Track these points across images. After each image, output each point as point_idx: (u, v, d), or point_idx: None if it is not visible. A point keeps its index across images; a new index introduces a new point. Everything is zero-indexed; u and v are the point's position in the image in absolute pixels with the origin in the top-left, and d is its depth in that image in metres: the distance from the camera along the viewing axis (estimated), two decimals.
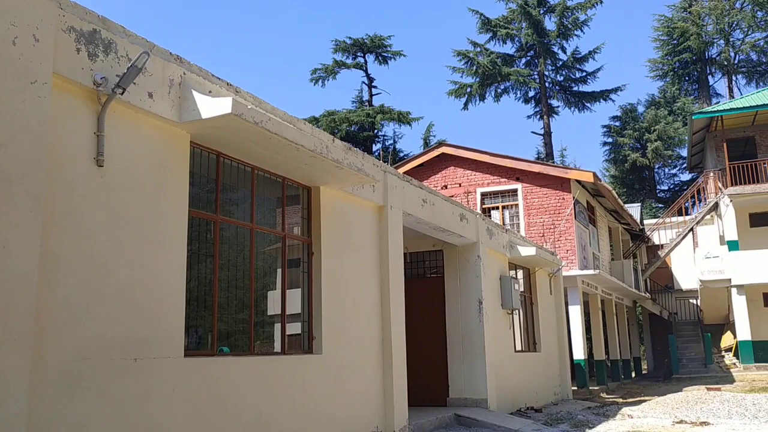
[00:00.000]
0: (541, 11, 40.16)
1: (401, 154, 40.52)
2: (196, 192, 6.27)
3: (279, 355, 7.10)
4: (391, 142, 42.06)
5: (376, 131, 40.68)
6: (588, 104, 41.42)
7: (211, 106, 5.60)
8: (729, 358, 25.10)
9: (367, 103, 42.06)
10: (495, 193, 20.58)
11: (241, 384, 6.26)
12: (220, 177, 6.47)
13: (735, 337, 24.47)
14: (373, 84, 42.38)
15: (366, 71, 42.06)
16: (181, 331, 5.63)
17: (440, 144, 22.36)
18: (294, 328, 7.62)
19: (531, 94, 41.79)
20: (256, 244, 7.00)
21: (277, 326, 7.36)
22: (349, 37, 40.73)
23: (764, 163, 25.80)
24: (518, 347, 13.99)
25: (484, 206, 20.49)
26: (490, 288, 12.48)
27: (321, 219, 7.81)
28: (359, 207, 8.68)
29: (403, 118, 39.62)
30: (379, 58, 41.83)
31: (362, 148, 39.13)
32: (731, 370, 23.30)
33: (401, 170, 20.33)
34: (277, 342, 7.39)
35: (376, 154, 39.09)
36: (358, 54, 41.64)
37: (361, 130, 39.86)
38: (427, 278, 12.65)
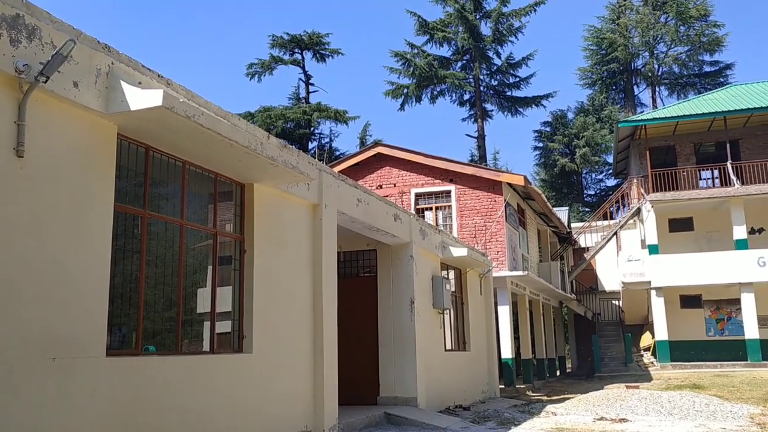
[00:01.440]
0: (477, 16, 40.90)
1: (337, 153, 40.46)
2: (123, 186, 6.07)
3: (207, 355, 6.96)
4: (327, 140, 41.95)
5: (312, 129, 40.47)
6: (520, 109, 42.47)
7: (141, 98, 5.44)
8: (647, 357, 26.23)
9: (303, 101, 41.78)
10: (429, 194, 20.82)
11: (167, 384, 6.10)
12: (149, 171, 6.29)
13: (653, 337, 25.60)
14: (310, 81, 42.15)
15: (303, 68, 41.79)
16: (103, 329, 5.44)
17: (376, 144, 22.44)
18: (224, 326, 7.49)
19: (466, 97, 42.52)
20: (186, 241, 6.84)
21: (207, 324, 7.22)
22: (287, 33, 40.41)
23: (683, 171, 27.11)
24: (448, 346, 14.20)
25: (418, 207, 20.70)
26: (422, 288, 12.62)
27: (254, 216, 7.70)
28: (293, 205, 8.62)
29: (339, 117, 39.56)
30: (317, 55, 41.64)
31: (298, 146, 38.84)
32: (649, 368, 24.36)
33: (337, 169, 20.29)
34: (206, 341, 7.24)
35: (312, 152, 38.88)
36: (296, 50, 41.31)
37: (297, 128, 39.55)
38: (361, 277, 12.68)
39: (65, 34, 5.15)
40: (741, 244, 24.30)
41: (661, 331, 24.57)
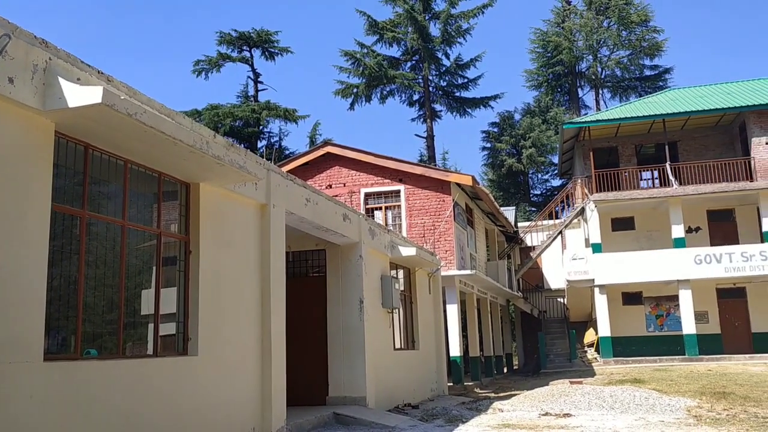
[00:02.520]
0: (427, 17, 41.18)
1: (287, 152, 40.16)
2: (62, 185, 5.89)
3: (150, 358, 6.81)
4: (276, 139, 41.60)
5: (261, 128, 40.06)
6: (469, 110, 42.97)
7: (80, 95, 5.28)
8: (591, 353, 26.92)
9: (252, 99, 41.32)
10: (378, 194, 20.86)
11: (108, 388, 5.95)
12: (88, 170, 6.11)
13: (597, 333, 26.30)
14: (259, 79, 41.72)
15: (252, 66, 41.33)
16: (40, 333, 5.27)
17: (326, 143, 22.36)
18: (169, 328, 7.35)
19: (415, 97, 42.78)
20: (128, 241, 6.68)
21: (152, 327, 7.07)
22: (235, 30, 39.88)
23: (625, 172, 27.93)
24: (397, 345, 14.26)
25: (367, 206, 20.72)
26: (372, 287, 12.64)
27: (200, 216, 7.57)
28: (241, 205, 8.51)
29: (289, 116, 39.27)
30: (266, 53, 41.25)
31: (247, 145, 38.39)
32: (593, 364, 25.00)
33: (286, 168, 20.13)
34: (150, 343, 7.09)
35: (261, 151, 38.48)
36: (244, 48, 40.82)
37: (245, 126, 39.09)
38: (310, 277, 12.62)
39: (0, 29, 4.96)
40: (679, 243, 25.19)
41: (604, 328, 25.25)
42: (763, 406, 11.42)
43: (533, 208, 44.55)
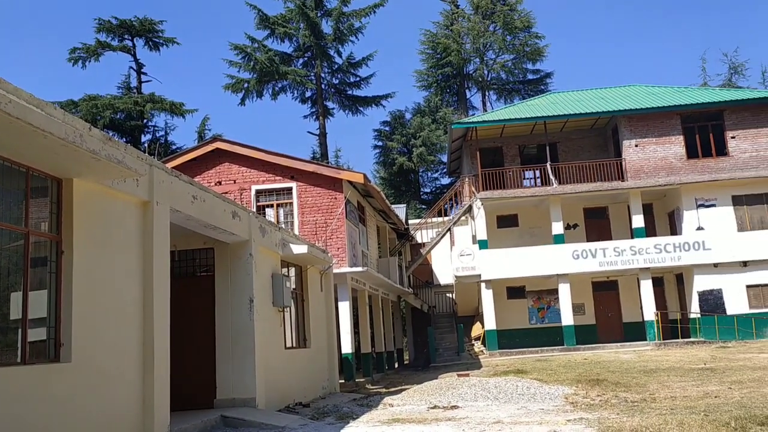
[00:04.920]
0: (319, 14, 41.03)
1: (174, 147, 38.70)
2: None
3: (18, 366, 6.32)
4: (162, 133, 39.98)
5: (145, 121, 38.40)
6: (361, 108, 43.29)
7: None
8: (478, 346, 27.87)
9: (135, 91, 39.46)
10: (270, 191, 20.54)
11: None
12: None
13: (483, 327, 27.26)
14: (142, 70, 39.90)
15: (134, 56, 39.49)
16: None
17: (215, 138, 21.73)
18: (41, 334, 6.85)
19: (308, 94, 42.55)
20: None
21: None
22: (115, 17, 37.87)
23: (509, 171, 29.13)
24: (289, 344, 14.10)
25: (259, 204, 20.35)
26: (262, 286, 12.42)
27: (74, 214, 7.10)
28: (120, 202, 8.08)
29: (175, 109, 37.83)
30: (150, 43, 39.54)
31: (129, 139, 36.67)
32: (480, 357, 25.89)
33: (173, 164, 19.38)
34: (19, 350, 6.57)
35: (145, 145, 36.84)
36: (126, 36, 38.91)
37: (128, 119, 37.30)
38: (197, 277, 12.20)
39: None
40: (558, 239, 26.59)
41: (490, 321, 26.24)
42: (631, 391, 12.27)
43: (423, 206, 45.48)
